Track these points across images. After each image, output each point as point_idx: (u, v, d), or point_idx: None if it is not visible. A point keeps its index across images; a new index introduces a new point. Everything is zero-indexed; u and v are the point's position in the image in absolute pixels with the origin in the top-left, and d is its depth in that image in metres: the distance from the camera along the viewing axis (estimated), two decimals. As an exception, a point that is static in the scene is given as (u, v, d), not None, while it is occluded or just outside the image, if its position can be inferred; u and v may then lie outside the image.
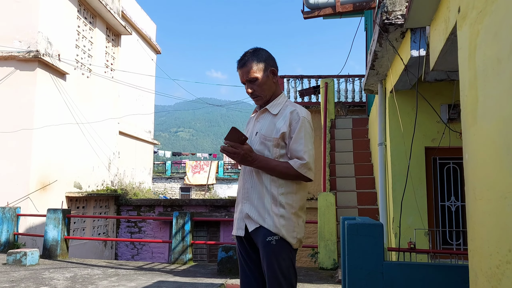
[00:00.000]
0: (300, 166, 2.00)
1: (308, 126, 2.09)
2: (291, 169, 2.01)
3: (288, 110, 2.11)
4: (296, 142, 2.04)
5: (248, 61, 2.11)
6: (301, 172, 2.00)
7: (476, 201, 1.65)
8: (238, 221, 2.13)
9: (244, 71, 2.12)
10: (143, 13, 15.70)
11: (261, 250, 2.00)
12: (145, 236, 11.61)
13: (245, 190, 2.11)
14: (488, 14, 1.53)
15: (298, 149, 2.03)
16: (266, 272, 1.98)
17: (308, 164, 2.01)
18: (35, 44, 8.52)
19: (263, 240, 1.98)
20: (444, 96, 4.88)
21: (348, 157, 8.03)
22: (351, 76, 11.26)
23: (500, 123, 1.40)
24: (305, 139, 2.04)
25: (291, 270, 1.99)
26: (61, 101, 9.40)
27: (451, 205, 5.06)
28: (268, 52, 2.18)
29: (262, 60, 2.13)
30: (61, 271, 5.45)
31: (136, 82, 14.44)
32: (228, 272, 5.41)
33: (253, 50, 2.16)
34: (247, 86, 2.14)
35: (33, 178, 8.47)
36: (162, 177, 27.98)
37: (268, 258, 1.96)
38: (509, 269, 1.31)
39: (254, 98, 2.18)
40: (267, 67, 2.14)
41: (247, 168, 2.14)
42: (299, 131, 2.05)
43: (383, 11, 3.73)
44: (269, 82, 2.15)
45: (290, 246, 2.01)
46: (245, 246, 2.12)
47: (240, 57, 2.17)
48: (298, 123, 2.06)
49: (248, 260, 2.11)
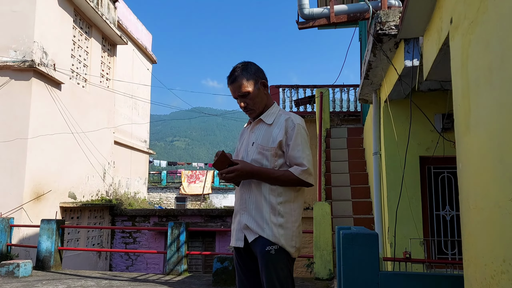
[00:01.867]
0: (301, 172, 2.04)
1: (304, 133, 2.13)
2: (292, 176, 2.04)
3: (282, 118, 2.14)
4: (294, 149, 2.07)
5: (239, 77, 2.15)
6: (303, 179, 2.04)
7: (470, 210, 1.65)
8: (237, 232, 2.12)
9: (235, 86, 2.16)
10: (139, 23, 15.77)
11: (260, 259, 2.00)
12: (140, 247, 11.50)
13: (243, 201, 2.11)
14: (479, 24, 1.54)
15: (297, 155, 2.06)
16: (264, 281, 1.98)
17: (309, 170, 2.06)
18: (30, 53, 8.51)
19: (261, 249, 1.98)
20: (438, 105, 4.91)
21: (343, 167, 8.03)
22: (346, 86, 11.32)
23: (493, 133, 1.40)
24: (302, 146, 2.08)
25: (289, 280, 1.99)
26: (56, 110, 9.37)
27: (446, 214, 5.06)
28: (256, 65, 2.23)
29: (251, 74, 2.17)
30: (54, 282, 5.38)
31: (132, 92, 14.43)
32: (223, 283, 5.36)
33: (242, 65, 2.20)
34: (240, 100, 2.19)
35: (27, 188, 8.39)
36: (157, 187, 27.84)
37: (266, 268, 1.96)
38: (504, 279, 1.31)
39: (248, 111, 2.21)
40: (257, 80, 2.18)
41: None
42: (295, 138, 2.08)
43: (377, 21, 3.77)
44: (261, 94, 2.19)
45: (288, 255, 2.01)
46: (244, 257, 2.11)
47: (230, 73, 2.21)
48: (294, 130, 2.09)
49: (246, 271, 2.11)
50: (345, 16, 4.84)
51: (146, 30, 16.56)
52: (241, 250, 2.11)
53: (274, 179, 2.05)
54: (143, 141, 16.09)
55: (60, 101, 9.51)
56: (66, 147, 9.77)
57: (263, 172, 2.06)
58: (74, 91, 10.21)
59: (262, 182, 2.07)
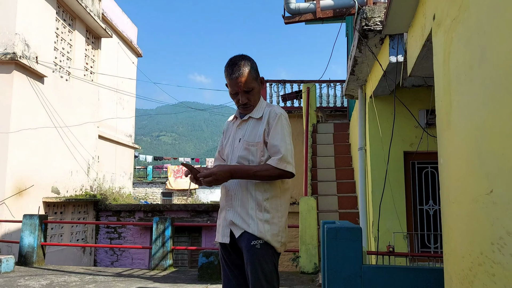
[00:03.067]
0: (277, 162, 1.99)
1: (285, 122, 2.09)
2: (271, 168, 2.00)
3: (266, 111, 2.13)
4: (272, 138, 2.05)
5: (245, 71, 2.06)
6: (281, 168, 1.98)
7: (450, 205, 1.68)
8: (223, 228, 2.12)
9: (241, 81, 2.05)
10: (124, 16, 15.54)
11: (245, 254, 2.00)
12: (125, 242, 11.42)
13: (229, 197, 2.11)
14: (461, 22, 1.56)
15: (274, 144, 2.03)
16: (249, 276, 1.99)
17: (285, 157, 2.00)
18: (12, 46, 8.32)
19: (247, 244, 1.99)
20: (422, 101, 4.97)
21: (330, 162, 8.09)
22: (332, 81, 11.38)
23: (472, 129, 1.43)
24: (281, 134, 2.04)
25: (274, 274, 2.00)
26: (38, 104, 9.20)
27: (429, 209, 5.15)
28: (254, 60, 2.17)
29: (254, 69, 2.11)
30: (37, 278, 5.31)
31: (117, 86, 14.25)
32: (209, 277, 5.37)
33: (244, 59, 2.11)
34: (242, 96, 2.10)
35: (9, 183, 8.24)
36: (143, 182, 27.64)
37: (252, 262, 1.97)
38: (481, 271, 1.34)
39: (247, 107, 2.15)
40: (257, 76, 2.14)
41: None
42: (275, 127, 2.06)
43: (363, 17, 3.79)
44: (259, 91, 2.17)
45: (273, 250, 2.02)
46: (229, 252, 2.11)
47: (232, 65, 2.08)
48: (275, 120, 2.07)
49: (232, 266, 2.12)
50: (331, 11, 4.85)
51: (132, 23, 16.34)
52: (227, 246, 2.11)
53: (253, 175, 2.01)
54: (128, 136, 15.92)
55: (43, 94, 9.34)
56: (49, 141, 9.61)
57: (240, 169, 2.02)
58: (57, 85, 10.03)
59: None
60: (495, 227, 1.23)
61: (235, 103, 2.18)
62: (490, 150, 1.28)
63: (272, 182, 2.05)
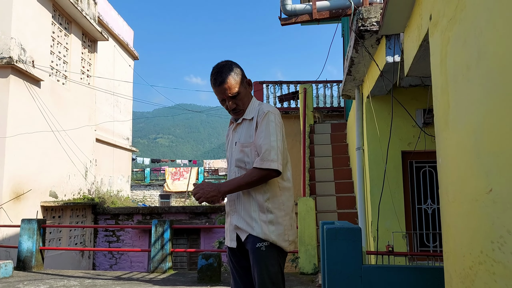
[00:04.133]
0: (260, 162, 1.96)
1: (273, 119, 2.04)
2: (255, 171, 1.96)
3: (258, 112, 2.11)
4: (257, 137, 2.03)
5: (227, 77, 2.06)
6: (265, 167, 1.94)
7: (449, 204, 1.68)
8: (230, 232, 2.15)
9: (224, 88, 2.06)
10: (120, 19, 15.53)
11: (251, 256, 2.02)
12: (123, 245, 11.39)
13: (232, 202, 2.13)
14: (457, 22, 1.57)
15: (258, 143, 2.01)
16: (255, 277, 2.00)
17: (266, 156, 1.95)
18: (8, 50, 8.30)
19: (252, 246, 2.01)
20: (419, 101, 4.99)
21: (327, 162, 8.10)
22: (329, 81, 11.40)
23: (470, 128, 1.44)
24: (265, 132, 2.01)
25: (279, 276, 2.01)
26: (35, 108, 9.17)
27: (427, 208, 5.16)
28: (238, 64, 2.16)
29: (237, 73, 2.10)
30: (36, 283, 5.29)
31: (114, 89, 14.23)
32: (209, 279, 5.36)
33: (226, 65, 2.11)
34: (230, 101, 2.10)
35: (6, 187, 8.20)
36: (141, 185, 27.57)
37: (257, 264, 1.99)
38: (481, 269, 1.34)
39: (237, 112, 2.15)
40: (243, 79, 2.13)
41: (231, 179, 2.14)
42: (260, 125, 2.04)
43: (359, 18, 3.80)
44: (247, 93, 2.16)
45: (279, 251, 2.03)
46: (237, 255, 2.14)
47: (214, 74, 2.10)
48: (262, 118, 2.05)
49: (239, 268, 2.15)
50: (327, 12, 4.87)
51: (128, 26, 16.32)
52: (235, 250, 2.14)
53: (242, 183, 1.99)
54: (126, 139, 15.89)
55: (40, 98, 9.31)
56: (46, 145, 9.58)
57: (227, 183, 2.03)
58: (54, 88, 10.00)
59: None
60: (495, 226, 1.24)
61: (226, 109, 2.18)
62: (489, 149, 1.29)
63: (270, 182, 2.04)
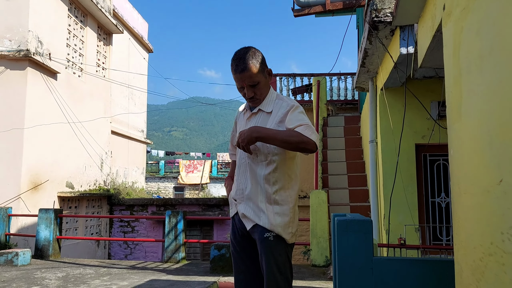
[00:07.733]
0: (304, 128, 1.94)
1: (302, 110, 2.08)
2: (297, 134, 1.93)
3: (278, 106, 2.10)
4: (292, 120, 2.00)
5: (249, 65, 2.02)
6: (307, 135, 1.92)
7: (460, 196, 1.67)
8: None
9: (246, 76, 2.03)
10: (134, 12, 15.62)
11: (259, 245, 2.04)
12: (138, 236, 11.57)
13: (240, 191, 2.14)
14: (471, 11, 1.55)
15: (295, 124, 1.98)
16: (264, 266, 2.02)
17: (311, 127, 1.96)
18: (25, 43, 8.45)
19: (260, 236, 2.03)
20: (434, 93, 4.92)
21: (340, 155, 8.07)
22: (343, 74, 11.30)
23: (483, 119, 1.42)
24: (300, 117, 2.01)
25: (287, 265, 2.03)
26: (52, 100, 9.34)
27: (441, 201, 5.11)
28: (261, 52, 2.12)
29: (259, 62, 2.07)
30: (53, 271, 5.42)
31: (128, 81, 14.36)
32: (221, 270, 5.42)
33: (249, 52, 2.06)
34: (248, 90, 2.08)
35: (24, 178, 8.40)
36: (155, 177, 27.89)
37: (266, 253, 2.00)
38: (491, 261, 1.34)
39: (254, 101, 2.13)
40: (264, 68, 2.10)
41: (241, 169, 2.15)
42: (292, 113, 2.03)
43: (373, 8, 3.76)
44: (266, 83, 2.13)
45: (286, 241, 2.05)
46: (242, 243, 2.15)
47: (236, 60, 2.05)
48: (292, 109, 2.05)
49: (244, 256, 2.16)
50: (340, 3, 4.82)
51: (142, 18, 16.41)
52: (240, 239, 2.15)
53: (280, 139, 1.95)
54: (140, 131, 16.06)
55: (56, 90, 9.47)
56: (63, 137, 9.76)
57: (267, 130, 1.99)
58: (70, 81, 10.16)
59: (258, 172, 2.06)
60: (505, 217, 1.23)
61: (242, 96, 2.17)
62: (501, 140, 1.28)
63: (280, 176, 2.06)
